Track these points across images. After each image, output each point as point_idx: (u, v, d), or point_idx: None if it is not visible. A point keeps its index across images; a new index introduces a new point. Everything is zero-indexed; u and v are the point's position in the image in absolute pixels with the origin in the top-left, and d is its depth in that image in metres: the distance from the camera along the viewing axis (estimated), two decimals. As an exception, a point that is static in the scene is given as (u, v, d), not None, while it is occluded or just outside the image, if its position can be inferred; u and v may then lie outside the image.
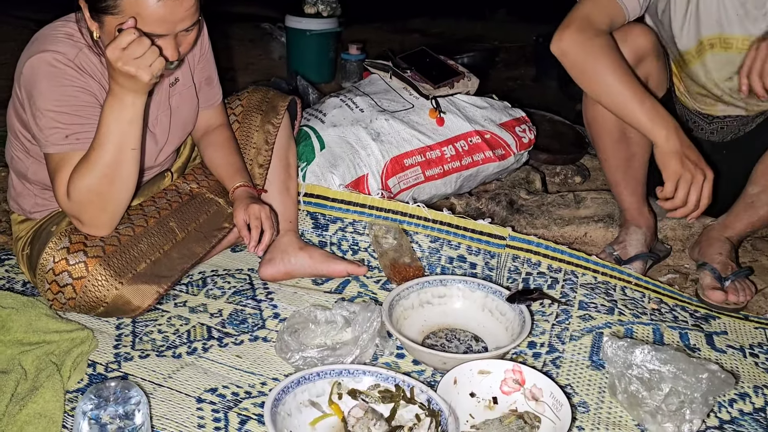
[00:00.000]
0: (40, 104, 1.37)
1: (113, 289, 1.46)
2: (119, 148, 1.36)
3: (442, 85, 2.14)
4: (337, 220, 1.86)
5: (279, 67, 3.80)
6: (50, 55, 1.37)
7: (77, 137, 1.38)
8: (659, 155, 1.51)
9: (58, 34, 1.40)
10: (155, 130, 1.56)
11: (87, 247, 1.46)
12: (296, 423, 1.21)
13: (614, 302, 1.67)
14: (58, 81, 1.37)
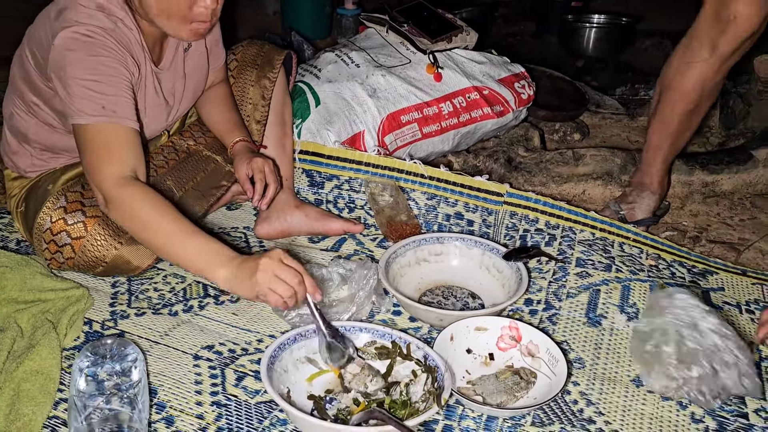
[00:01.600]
0: (75, 73, 1.28)
1: (113, 249, 1.44)
2: (174, 259, 1.29)
3: (439, 39, 2.09)
4: (333, 177, 1.84)
5: (273, 23, 3.71)
6: (85, 27, 1.30)
7: (114, 110, 1.30)
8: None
9: (90, 5, 1.33)
10: (168, 96, 1.52)
11: (85, 207, 1.44)
12: (293, 379, 1.22)
13: (612, 259, 1.67)
14: (96, 51, 1.30)
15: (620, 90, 3.00)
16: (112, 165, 1.28)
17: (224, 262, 1.22)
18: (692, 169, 2.09)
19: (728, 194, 2.10)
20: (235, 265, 1.21)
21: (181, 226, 1.25)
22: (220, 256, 1.23)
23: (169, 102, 1.53)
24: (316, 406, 1.19)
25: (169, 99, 1.53)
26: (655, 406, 1.26)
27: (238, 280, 1.20)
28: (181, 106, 1.59)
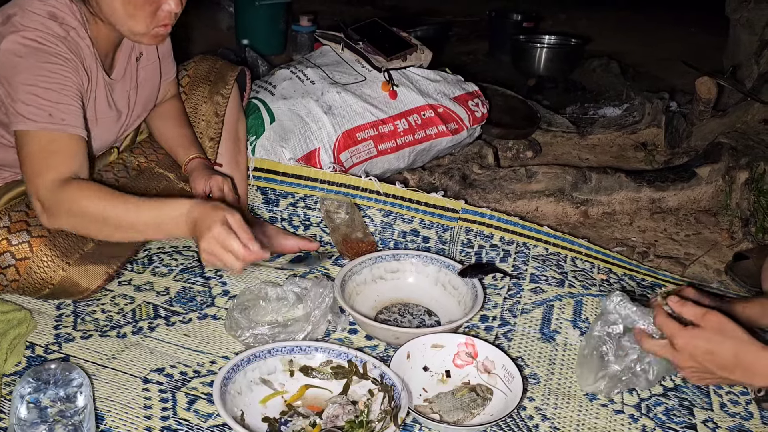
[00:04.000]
0: (23, 79, 1.24)
1: (60, 270, 1.39)
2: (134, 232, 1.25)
3: (394, 57, 2.11)
4: (287, 194, 1.82)
5: (227, 39, 3.68)
6: (35, 33, 1.25)
7: (63, 118, 1.26)
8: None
9: (41, 12, 1.28)
10: (121, 107, 1.48)
11: (30, 227, 1.38)
12: (247, 401, 1.19)
13: (564, 274, 1.70)
14: (46, 58, 1.26)
15: (570, 109, 3.07)
16: (50, 171, 1.24)
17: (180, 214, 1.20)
18: (640, 186, 2.15)
19: (674, 210, 2.17)
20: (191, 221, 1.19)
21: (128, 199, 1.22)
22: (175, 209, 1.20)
23: (122, 113, 1.50)
24: (270, 428, 1.16)
25: (122, 110, 1.49)
26: (607, 420, 1.28)
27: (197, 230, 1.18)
28: (133, 118, 1.56)
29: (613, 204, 2.13)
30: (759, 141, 2.33)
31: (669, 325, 1.07)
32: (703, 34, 3.82)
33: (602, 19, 5.01)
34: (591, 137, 2.66)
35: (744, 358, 0.99)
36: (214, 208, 1.18)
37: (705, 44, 3.63)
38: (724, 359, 1.01)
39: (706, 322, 1.03)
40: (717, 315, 1.02)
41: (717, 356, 1.01)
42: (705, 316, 1.03)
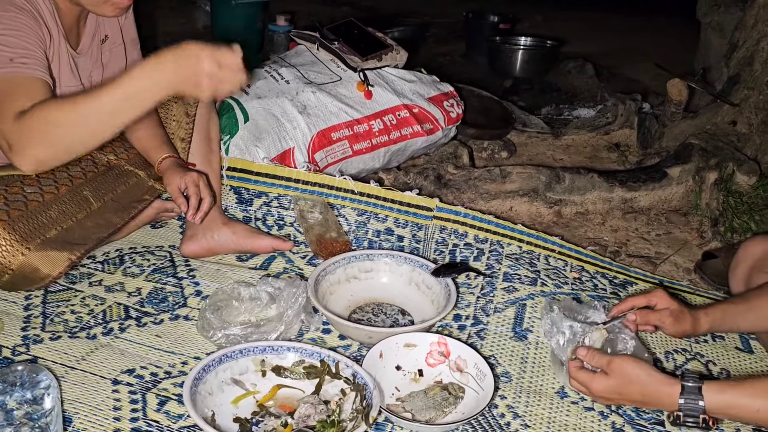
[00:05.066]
0: None
1: (19, 255, 1.36)
2: (113, 108, 1.21)
3: (370, 57, 2.11)
4: (261, 194, 1.81)
5: (203, 38, 3.63)
6: None
7: (24, 61, 1.26)
8: None
9: None
10: (86, 83, 1.48)
11: None
12: (218, 401, 1.18)
13: (537, 272, 1.71)
14: (6, 8, 1.27)
15: (545, 110, 3.11)
16: (13, 110, 1.21)
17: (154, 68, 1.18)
18: (612, 186, 2.18)
19: (645, 210, 2.20)
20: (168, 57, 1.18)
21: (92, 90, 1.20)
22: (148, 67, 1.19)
23: (86, 87, 1.49)
24: (242, 429, 1.15)
25: (86, 84, 1.49)
26: (578, 417, 1.29)
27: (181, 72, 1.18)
28: None
29: (586, 204, 2.16)
30: (728, 142, 2.37)
31: (580, 377, 1.19)
32: (675, 37, 3.87)
33: (578, 21, 5.07)
34: (565, 138, 2.68)
35: (650, 395, 1.11)
36: (186, 43, 1.18)
37: (677, 47, 3.69)
38: (634, 398, 1.14)
39: (612, 371, 1.14)
40: (620, 362, 1.13)
41: (627, 396, 1.14)
42: (610, 365, 1.14)
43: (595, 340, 1.28)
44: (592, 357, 1.19)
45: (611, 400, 1.19)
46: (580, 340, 1.30)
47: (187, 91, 1.22)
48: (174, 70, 1.19)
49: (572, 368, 1.21)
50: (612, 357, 1.15)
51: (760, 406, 1.01)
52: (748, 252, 1.51)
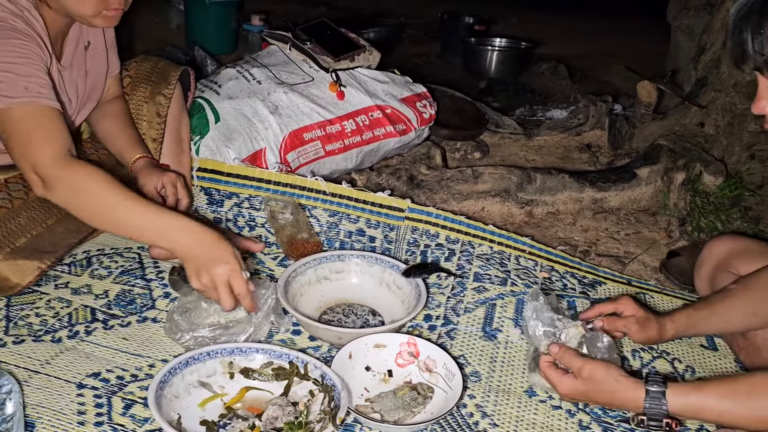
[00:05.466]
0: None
1: None
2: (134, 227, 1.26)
3: (342, 58, 2.11)
4: (232, 195, 1.81)
5: (177, 37, 3.62)
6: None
7: (39, 92, 1.26)
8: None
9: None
10: (71, 94, 1.47)
11: None
12: (184, 404, 1.17)
13: (507, 272, 1.72)
14: (8, 34, 1.26)
15: (519, 111, 3.13)
16: (47, 146, 1.24)
17: (186, 227, 1.24)
18: (582, 186, 2.20)
19: (615, 210, 2.23)
20: (197, 232, 1.24)
21: (134, 196, 1.25)
22: (180, 222, 1.25)
23: (72, 101, 1.48)
24: (208, 431, 1.15)
25: (72, 97, 1.48)
26: (545, 415, 1.31)
27: (199, 250, 1.23)
28: (81, 106, 1.54)
29: (557, 204, 2.18)
30: (695, 143, 2.42)
31: (551, 375, 1.20)
32: (647, 40, 3.93)
33: (553, 23, 5.11)
34: (537, 139, 2.71)
35: (616, 400, 1.13)
36: (225, 239, 1.24)
37: (649, 49, 3.74)
38: (601, 401, 1.16)
39: (581, 374, 1.15)
40: (591, 369, 1.14)
41: (593, 400, 1.17)
42: (581, 371, 1.15)
43: (572, 337, 1.29)
44: (564, 356, 1.19)
45: (577, 400, 1.21)
46: (557, 334, 1.30)
47: (187, 265, 1.26)
48: (198, 252, 1.24)
49: (543, 364, 1.21)
50: (584, 362, 1.15)
51: (723, 409, 1.02)
52: (713, 251, 1.53)
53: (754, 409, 1.00)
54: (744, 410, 1.00)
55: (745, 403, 1.00)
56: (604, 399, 1.14)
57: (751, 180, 2.30)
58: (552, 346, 1.22)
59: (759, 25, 0.95)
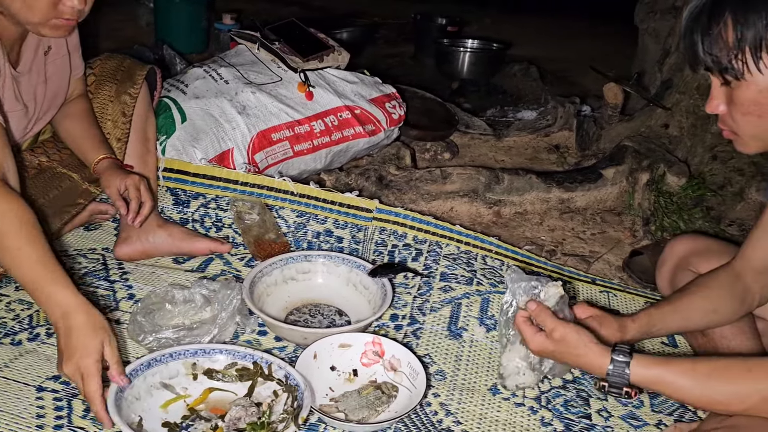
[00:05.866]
0: None
1: None
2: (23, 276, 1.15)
3: (311, 58, 2.11)
4: (199, 195, 1.79)
5: (146, 35, 3.58)
6: None
7: None
8: None
9: None
10: (27, 101, 1.43)
11: None
12: (146, 406, 1.17)
13: (474, 272, 1.74)
14: None
15: (490, 111, 3.16)
16: None
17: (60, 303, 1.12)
18: (549, 186, 2.23)
19: (581, 210, 2.26)
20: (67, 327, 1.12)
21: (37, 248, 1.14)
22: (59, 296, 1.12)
23: (29, 108, 1.44)
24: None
25: (29, 105, 1.44)
26: (509, 413, 1.33)
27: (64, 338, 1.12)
28: (41, 113, 1.50)
29: (525, 204, 2.20)
30: (660, 144, 2.46)
31: (525, 330, 1.20)
32: (617, 42, 3.99)
33: (525, 24, 5.16)
34: (507, 139, 2.74)
35: (581, 364, 1.15)
36: (95, 330, 1.11)
37: (618, 51, 3.80)
38: (568, 362, 1.18)
39: (553, 335, 1.16)
40: (560, 331, 1.16)
41: (561, 360, 1.19)
42: (554, 332, 1.16)
43: (551, 295, 1.27)
44: (540, 314, 1.19)
45: (545, 357, 1.23)
46: (536, 291, 1.28)
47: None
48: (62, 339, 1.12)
49: (519, 319, 1.22)
50: (558, 324, 1.16)
51: (680, 386, 1.04)
52: (674, 251, 1.56)
53: (709, 390, 1.02)
54: (700, 390, 1.03)
55: (703, 383, 1.03)
56: (572, 361, 1.16)
57: (713, 180, 2.35)
58: (530, 303, 1.22)
59: (708, 27, 0.97)
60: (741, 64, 0.95)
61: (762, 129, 1.02)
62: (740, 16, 0.93)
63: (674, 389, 1.06)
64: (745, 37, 0.93)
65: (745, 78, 0.97)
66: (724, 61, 0.96)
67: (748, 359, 1.08)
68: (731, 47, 0.95)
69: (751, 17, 0.92)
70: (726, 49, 0.96)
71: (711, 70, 1.02)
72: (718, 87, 1.04)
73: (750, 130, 1.04)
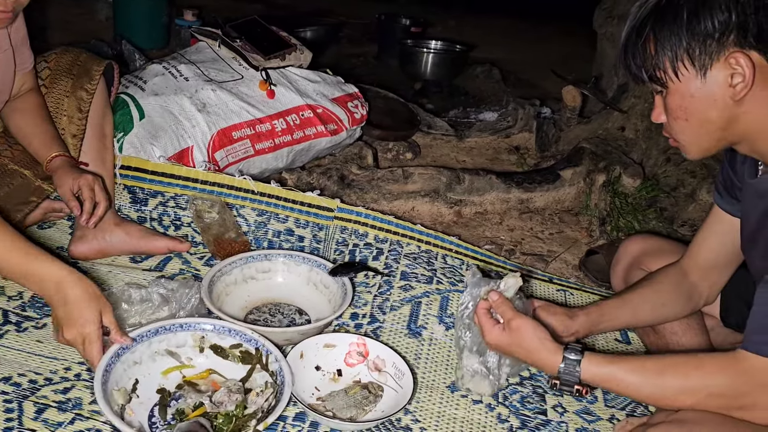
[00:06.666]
0: None
1: None
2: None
3: (273, 56, 2.10)
4: (157, 194, 1.77)
5: (104, 30, 3.50)
6: None
7: None
8: None
9: None
10: None
11: None
12: (145, 370, 1.22)
13: (434, 271, 1.76)
14: None
15: (453, 112, 3.19)
16: None
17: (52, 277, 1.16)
18: (509, 187, 2.27)
19: (540, 210, 2.30)
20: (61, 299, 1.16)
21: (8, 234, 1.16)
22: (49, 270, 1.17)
23: None
24: (161, 401, 1.19)
25: None
26: (466, 410, 1.34)
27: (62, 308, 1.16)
28: None
29: (485, 204, 2.23)
30: (616, 147, 2.52)
31: (484, 321, 1.22)
32: (578, 45, 4.07)
33: (489, 26, 5.22)
34: (468, 140, 2.77)
35: (534, 360, 1.17)
36: (91, 299, 1.16)
37: (579, 55, 3.87)
38: (521, 356, 1.20)
39: (510, 325, 1.18)
40: (519, 323, 1.18)
41: (515, 353, 1.20)
42: (510, 323, 1.18)
43: (510, 286, 1.29)
44: (500, 305, 1.21)
45: (500, 351, 1.24)
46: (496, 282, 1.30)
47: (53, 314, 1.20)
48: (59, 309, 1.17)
49: (480, 310, 1.23)
50: (516, 315, 1.18)
51: (630, 383, 1.08)
52: (628, 250, 1.60)
53: (658, 387, 1.06)
54: (648, 387, 1.06)
55: (652, 380, 1.06)
56: (524, 356, 1.17)
57: (667, 182, 2.42)
58: (492, 293, 1.23)
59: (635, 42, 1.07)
60: (663, 73, 1.05)
61: (692, 132, 1.08)
62: (658, 33, 1.03)
63: (624, 386, 1.09)
64: (664, 49, 1.03)
65: (669, 86, 1.05)
66: (650, 70, 1.06)
67: (698, 355, 1.12)
68: (654, 59, 1.04)
69: (666, 33, 1.02)
70: (650, 60, 1.05)
71: (643, 80, 1.09)
72: (659, 98, 1.11)
73: (683, 134, 1.10)
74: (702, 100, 1.03)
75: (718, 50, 1.00)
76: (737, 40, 0.99)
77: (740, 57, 0.99)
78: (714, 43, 0.99)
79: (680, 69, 1.03)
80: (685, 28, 1.00)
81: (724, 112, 1.03)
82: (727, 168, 1.29)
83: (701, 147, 1.11)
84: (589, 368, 1.10)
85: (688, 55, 1.01)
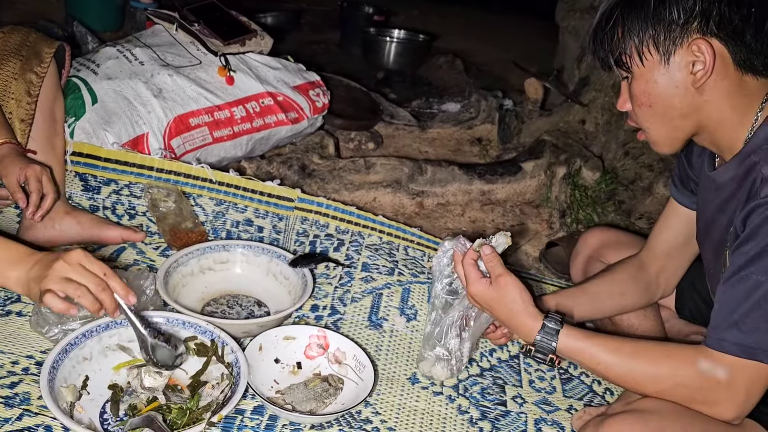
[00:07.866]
0: None
1: None
2: None
3: (232, 42, 2.05)
4: (110, 182, 1.71)
5: (55, 11, 3.37)
6: None
7: None
8: None
9: None
10: None
11: None
12: (96, 367, 1.18)
13: (395, 262, 1.75)
14: None
15: (416, 102, 3.17)
16: None
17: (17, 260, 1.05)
18: (471, 178, 2.27)
19: (502, 202, 2.31)
20: (31, 263, 1.04)
21: None
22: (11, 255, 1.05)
23: None
24: (112, 397, 1.15)
25: None
26: (427, 402, 1.34)
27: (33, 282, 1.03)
28: None
29: (447, 195, 2.23)
30: (577, 139, 2.55)
31: (470, 271, 1.18)
32: (541, 38, 4.09)
33: (452, 16, 5.22)
34: (431, 131, 2.76)
35: (514, 321, 1.15)
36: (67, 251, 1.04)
37: (542, 47, 3.90)
38: (501, 315, 1.17)
39: (497, 283, 1.15)
40: (506, 279, 1.15)
41: (495, 310, 1.18)
42: (498, 278, 1.16)
43: (500, 243, 1.26)
44: (492, 260, 1.17)
45: (480, 306, 1.20)
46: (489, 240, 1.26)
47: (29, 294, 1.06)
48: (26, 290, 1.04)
49: (467, 260, 1.19)
50: (506, 273, 1.15)
51: (602, 360, 1.08)
52: (587, 243, 1.62)
53: (630, 369, 1.07)
54: (620, 368, 1.07)
55: (625, 361, 1.07)
56: (505, 315, 1.15)
57: (625, 176, 2.46)
58: (485, 247, 1.19)
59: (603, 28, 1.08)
60: (628, 58, 1.06)
61: (655, 120, 1.09)
62: (626, 18, 1.05)
63: (595, 363, 1.09)
64: (631, 34, 1.05)
65: (634, 72, 1.07)
66: (616, 55, 1.07)
67: (668, 344, 1.14)
68: (621, 44, 1.06)
69: (634, 18, 1.04)
70: (617, 45, 1.07)
71: (610, 66, 1.10)
72: (625, 85, 1.12)
73: (647, 122, 1.11)
74: (665, 86, 1.05)
75: (681, 36, 1.01)
76: (700, 27, 1.00)
77: (702, 44, 1.00)
78: (678, 28, 1.01)
79: (645, 54, 1.04)
80: (652, 14, 1.02)
81: (686, 98, 1.05)
82: (683, 161, 1.31)
83: (666, 136, 1.12)
84: (566, 340, 1.10)
85: (653, 41, 1.03)
